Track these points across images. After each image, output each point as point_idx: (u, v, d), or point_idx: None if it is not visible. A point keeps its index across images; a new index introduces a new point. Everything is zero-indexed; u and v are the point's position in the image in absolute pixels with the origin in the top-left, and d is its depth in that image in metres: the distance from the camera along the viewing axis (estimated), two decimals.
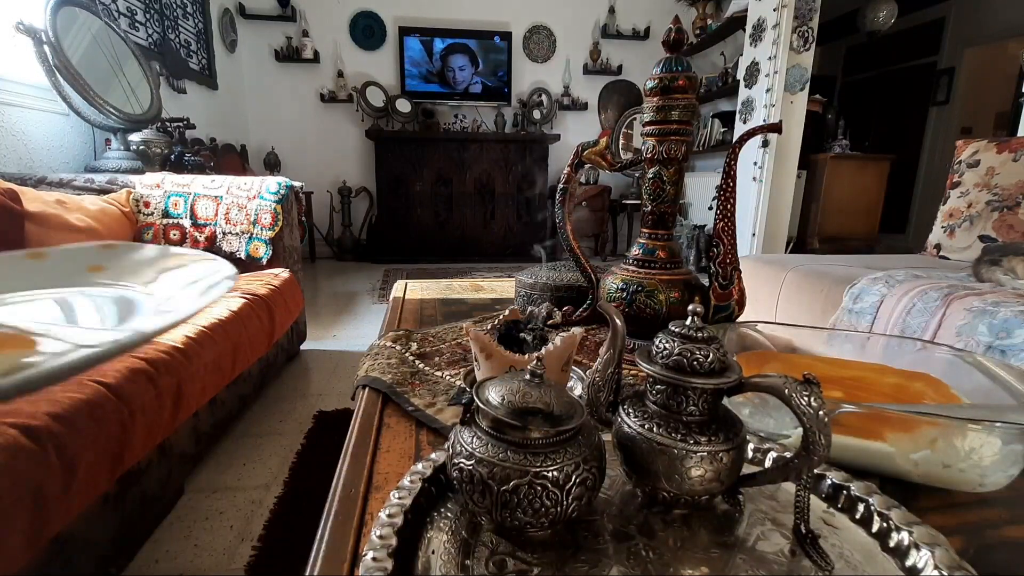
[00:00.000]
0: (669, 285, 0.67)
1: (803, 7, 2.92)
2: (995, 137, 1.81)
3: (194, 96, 3.10)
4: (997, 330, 0.98)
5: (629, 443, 0.35)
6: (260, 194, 1.62)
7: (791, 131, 3.09)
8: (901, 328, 1.16)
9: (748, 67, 3.22)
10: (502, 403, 0.33)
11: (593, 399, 0.40)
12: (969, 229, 1.67)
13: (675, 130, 0.65)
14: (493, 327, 0.55)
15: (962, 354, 0.52)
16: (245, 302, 1.20)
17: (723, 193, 0.66)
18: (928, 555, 0.30)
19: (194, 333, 0.97)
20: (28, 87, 1.70)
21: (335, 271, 3.89)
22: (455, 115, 4.45)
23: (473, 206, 4.32)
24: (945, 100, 4.99)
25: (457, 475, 0.33)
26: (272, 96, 4.21)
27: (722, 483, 0.34)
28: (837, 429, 0.41)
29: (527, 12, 4.42)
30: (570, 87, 4.59)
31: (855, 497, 0.36)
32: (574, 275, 0.90)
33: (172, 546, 0.96)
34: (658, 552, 0.33)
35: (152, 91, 2.05)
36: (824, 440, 0.30)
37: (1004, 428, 0.38)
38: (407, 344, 0.74)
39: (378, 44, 4.27)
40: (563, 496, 0.31)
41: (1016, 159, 1.62)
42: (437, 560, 0.32)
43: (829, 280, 1.41)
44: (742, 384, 0.33)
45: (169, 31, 2.84)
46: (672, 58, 0.64)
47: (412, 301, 1.09)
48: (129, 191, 1.59)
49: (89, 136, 1.98)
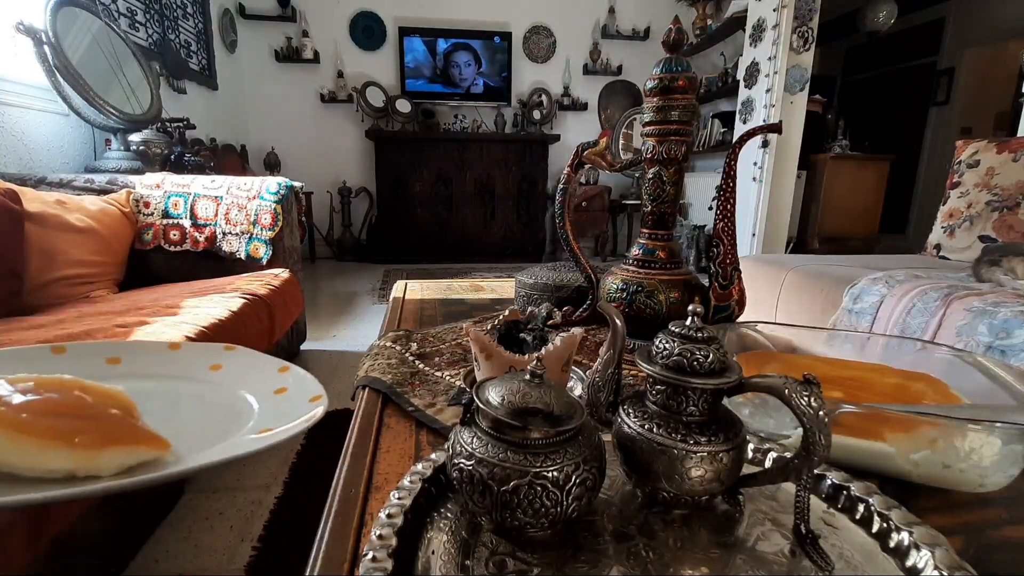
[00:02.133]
0: (669, 285, 0.67)
1: (803, 7, 2.92)
2: (995, 137, 1.81)
3: (194, 96, 3.10)
4: (997, 330, 0.98)
5: (629, 443, 0.35)
6: (260, 194, 1.62)
7: (791, 131, 3.09)
8: (901, 328, 1.16)
9: (748, 67, 3.22)
10: (502, 403, 0.33)
11: (593, 399, 0.40)
12: (969, 229, 1.67)
13: (675, 130, 0.65)
14: (493, 327, 0.55)
15: (962, 354, 0.52)
16: (245, 302, 1.20)
17: (723, 193, 0.66)
18: (928, 555, 0.30)
19: (194, 333, 0.97)
20: (28, 87, 1.70)
21: (335, 271, 3.89)
22: (455, 115, 4.45)
23: (473, 206, 4.32)
24: (945, 100, 4.99)
25: (457, 475, 0.33)
26: (272, 96, 4.21)
27: (722, 483, 0.34)
28: (837, 429, 0.41)
29: (527, 12, 4.42)
30: (570, 87, 4.59)
31: (855, 497, 0.36)
32: (574, 275, 0.90)
33: (172, 546, 0.96)
34: (658, 552, 0.33)
35: (152, 91, 2.05)
36: (824, 440, 0.30)
37: (1004, 428, 0.38)
38: (407, 344, 0.74)
39: (378, 44, 4.27)
40: (563, 496, 0.31)
41: (1016, 159, 1.62)
42: (437, 560, 0.32)
43: (829, 280, 1.41)
44: (742, 384, 0.33)
45: (169, 31, 2.84)
46: (672, 58, 0.64)
47: (412, 301, 1.09)
48: (129, 191, 1.59)
49: (89, 136, 1.98)
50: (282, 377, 0.42)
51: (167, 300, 1.18)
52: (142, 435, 0.29)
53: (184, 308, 1.11)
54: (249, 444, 0.31)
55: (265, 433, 0.33)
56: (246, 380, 0.41)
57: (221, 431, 0.34)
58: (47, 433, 0.27)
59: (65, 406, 0.29)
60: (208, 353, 0.44)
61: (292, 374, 0.42)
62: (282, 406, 0.38)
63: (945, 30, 4.92)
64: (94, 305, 1.19)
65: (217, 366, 0.43)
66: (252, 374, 0.42)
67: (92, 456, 0.27)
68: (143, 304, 1.15)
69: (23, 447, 0.26)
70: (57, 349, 0.39)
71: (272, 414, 0.36)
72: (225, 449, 0.30)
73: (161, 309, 1.10)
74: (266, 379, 0.41)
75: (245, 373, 0.42)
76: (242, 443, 0.32)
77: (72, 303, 1.23)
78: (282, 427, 0.33)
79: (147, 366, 0.35)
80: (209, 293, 1.24)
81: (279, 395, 0.39)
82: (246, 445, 0.31)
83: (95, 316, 1.05)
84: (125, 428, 0.29)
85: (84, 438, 0.27)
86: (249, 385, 0.41)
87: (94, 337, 0.91)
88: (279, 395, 0.39)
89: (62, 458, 0.27)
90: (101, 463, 0.27)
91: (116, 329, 0.95)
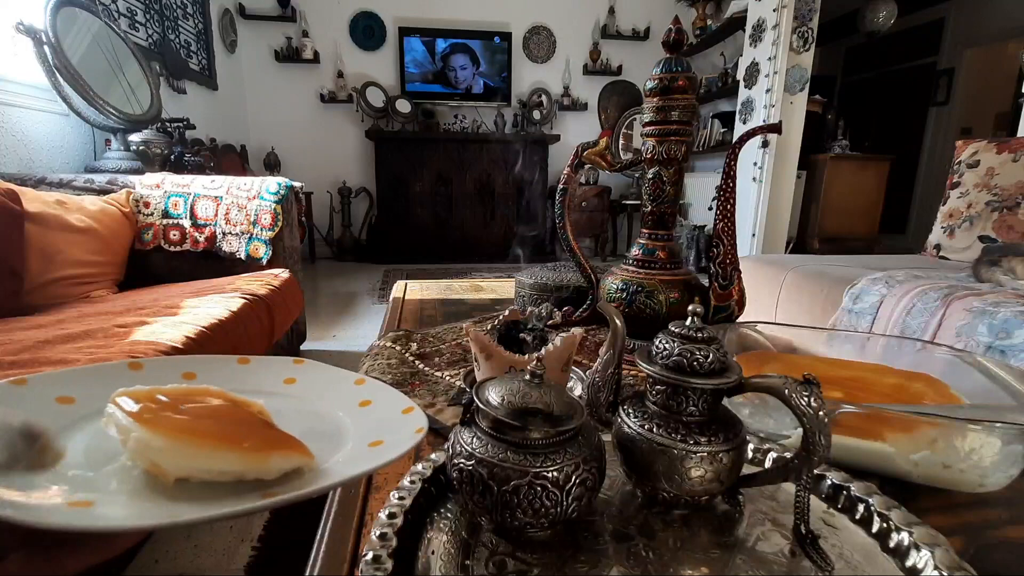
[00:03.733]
0: (669, 285, 0.67)
1: (803, 7, 2.93)
2: (995, 137, 1.81)
3: (194, 96, 3.10)
4: (997, 330, 0.98)
5: (629, 443, 0.35)
6: (260, 194, 1.62)
7: (791, 131, 3.09)
8: (901, 328, 1.16)
9: (748, 67, 3.22)
10: (502, 403, 0.33)
11: (593, 399, 0.40)
12: (969, 229, 1.67)
13: (675, 130, 0.65)
14: (493, 327, 0.55)
15: (962, 354, 0.52)
16: (245, 302, 1.20)
17: (723, 193, 0.66)
18: (928, 555, 0.30)
19: (194, 333, 0.97)
20: (28, 87, 1.70)
21: (335, 271, 3.89)
22: (455, 115, 4.45)
23: (473, 206, 4.32)
24: (945, 100, 4.99)
25: (457, 475, 0.33)
26: (272, 96, 4.21)
27: (722, 483, 0.34)
28: (837, 429, 0.41)
29: (527, 12, 4.42)
30: (570, 87, 4.59)
31: (855, 497, 0.36)
32: (574, 275, 0.90)
33: (172, 546, 0.96)
34: (658, 552, 0.33)
35: (152, 91, 2.05)
36: (824, 440, 0.30)
37: (1004, 428, 0.38)
38: (407, 344, 0.74)
39: (378, 44, 4.27)
40: (563, 496, 0.31)
41: (1016, 159, 1.62)
42: (437, 560, 0.32)
43: (829, 280, 1.41)
44: (742, 384, 0.33)
45: (169, 31, 2.84)
46: (672, 58, 0.64)
47: (412, 301, 1.09)
48: (129, 191, 1.59)
49: (89, 136, 1.98)
50: (360, 390, 0.41)
51: (167, 300, 1.18)
52: (295, 442, 0.30)
53: (184, 308, 1.11)
54: (384, 454, 0.31)
55: (378, 446, 0.33)
56: (324, 393, 0.41)
57: (332, 444, 0.34)
58: (218, 437, 0.28)
59: (224, 412, 0.30)
60: (279, 367, 0.44)
61: (370, 386, 0.42)
62: (374, 418, 0.37)
63: (945, 30, 4.92)
64: (94, 305, 1.19)
65: (291, 380, 0.42)
66: (329, 388, 0.42)
67: (261, 459, 0.28)
68: (143, 304, 1.15)
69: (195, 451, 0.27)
70: (134, 365, 0.39)
71: (372, 427, 0.36)
72: (371, 459, 0.30)
73: (161, 309, 1.10)
74: (344, 392, 0.41)
75: (321, 386, 0.42)
76: (378, 453, 0.32)
77: (72, 303, 1.23)
78: (394, 438, 0.33)
79: (221, 380, 0.35)
80: (209, 293, 1.24)
81: (365, 407, 0.39)
82: (382, 455, 0.30)
83: (95, 316, 1.05)
84: (280, 434, 0.30)
85: (252, 442, 0.28)
86: (330, 398, 0.40)
87: (94, 337, 0.91)
88: (365, 407, 0.39)
89: (233, 461, 0.27)
90: (270, 466, 0.28)
91: (116, 329, 0.95)
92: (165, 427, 0.27)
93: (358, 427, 0.36)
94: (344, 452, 0.33)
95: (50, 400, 0.33)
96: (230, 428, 0.29)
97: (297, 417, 0.35)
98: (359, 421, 0.37)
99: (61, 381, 0.35)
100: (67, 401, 0.33)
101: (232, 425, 0.30)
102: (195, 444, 0.27)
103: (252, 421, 0.31)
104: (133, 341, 0.89)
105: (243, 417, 0.31)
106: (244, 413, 0.32)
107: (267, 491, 0.27)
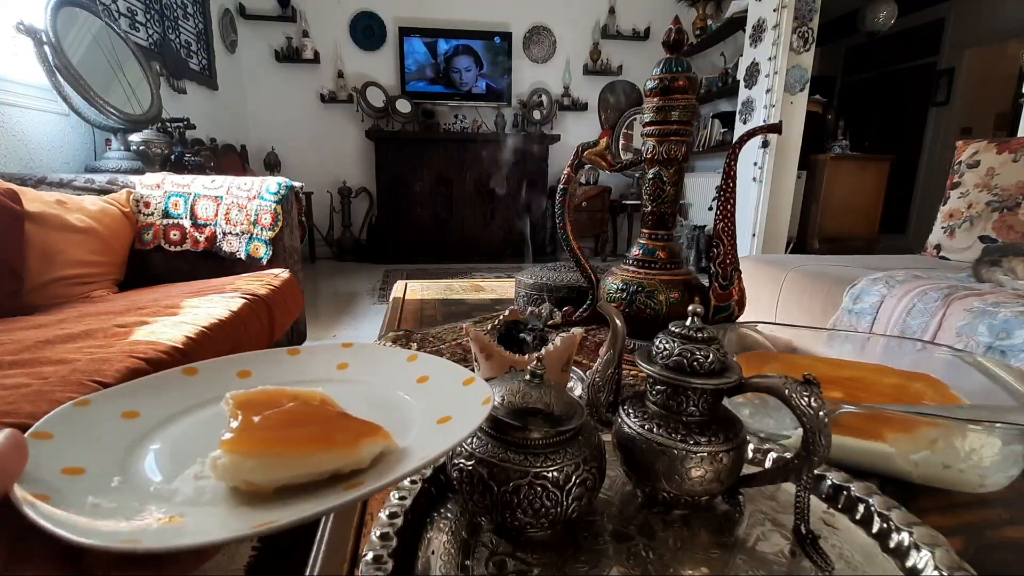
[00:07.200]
0: (669, 285, 0.67)
1: (803, 7, 2.93)
2: (995, 137, 1.81)
3: (194, 96, 3.10)
4: (997, 330, 0.98)
5: (629, 443, 0.35)
6: (260, 194, 1.62)
7: (791, 131, 3.09)
8: (901, 328, 1.16)
9: (748, 67, 3.22)
10: (502, 403, 0.33)
11: (593, 399, 0.40)
12: (969, 230, 1.67)
13: (675, 130, 0.65)
14: (493, 327, 0.55)
15: (962, 354, 0.52)
16: (245, 302, 1.20)
17: (723, 193, 0.66)
18: (928, 556, 0.30)
19: (194, 333, 0.97)
20: (28, 87, 1.70)
21: (335, 271, 3.89)
22: (455, 115, 4.45)
23: (473, 206, 4.32)
24: (945, 100, 4.99)
25: (457, 475, 0.33)
26: (272, 96, 4.21)
27: (722, 483, 0.34)
28: (837, 429, 0.41)
29: (527, 12, 4.42)
30: (570, 87, 4.59)
31: (855, 498, 0.36)
32: (574, 275, 0.90)
33: None
34: (658, 552, 0.33)
35: (152, 91, 2.05)
36: (824, 441, 0.30)
37: (1004, 429, 0.38)
38: (407, 344, 0.74)
39: (378, 44, 4.27)
40: (563, 496, 0.31)
41: (1016, 159, 1.62)
42: (437, 560, 0.32)
43: (829, 280, 1.42)
44: (742, 384, 0.33)
45: (169, 31, 2.84)
46: (672, 58, 0.64)
47: (412, 301, 1.09)
48: (129, 191, 1.59)
49: (89, 136, 1.98)
50: (414, 366, 0.40)
51: (167, 300, 1.18)
52: (375, 427, 0.30)
53: (184, 308, 1.11)
54: (458, 428, 0.30)
55: (447, 422, 0.32)
56: (380, 374, 0.40)
57: (401, 425, 0.33)
58: (309, 441, 0.28)
59: (302, 413, 0.30)
60: (330, 354, 0.43)
61: (424, 361, 0.41)
62: (435, 394, 0.36)
63: (945, 30, 4.92)
64: (94, 305, 1.19)
65: (343, 364, 0.42)
66: (383, 368, 0.41)
67: (353, 452, 0.28)
68: (143, 304, 1.15)
69: (291, 461, 0.27)
70: (189, 370, 0.38)
71: (435, 403, 0.35)
72: (448, 435, 0.29)
73: (161, 309, 1.10)
74: (400, 371, 0.40)
75: (375, 368, 0.41)
76: (451, 428, 0.31)
77: (72, 303, 1.23)
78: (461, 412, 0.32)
79: (277, 375, 0.34)
80: (209, 293, 1.24)
81: (423, 384, 0.38)
82: (457, 430, 0.30)
83: (95, 316, 1.05)
84: (360, 422, 0.30)
85: (341, 436, 0.28)
86: (387, 378, 0.40)
87: (94, 337, 0.91)
88: (423, 384, 0.38)
89: (328, 460, 0.27)
90: (362, 455, 0.28)
91: (116, 329, 0.95)
92: (251, 445, 0.27)
93: (421, 405, 0.36)
94: (415, 431, 0.32)
95: (116, 417, 0.32)
96: (315, 428, 0.29)
97: (358, 402, 0.34)
98: (421, 398, 0.36)
99: (123, 396, 0.34)
100: (132, 416, 0.33)
101: (316, 424, 0.29)
102: (288, 455, 0.27)
103: (330, 415, 0.31)
104: (133, 341, 0.89)
105: (322, 413, 0.31)
106: (320, 409, 0.31)
107: (353, 481, 0.27)
